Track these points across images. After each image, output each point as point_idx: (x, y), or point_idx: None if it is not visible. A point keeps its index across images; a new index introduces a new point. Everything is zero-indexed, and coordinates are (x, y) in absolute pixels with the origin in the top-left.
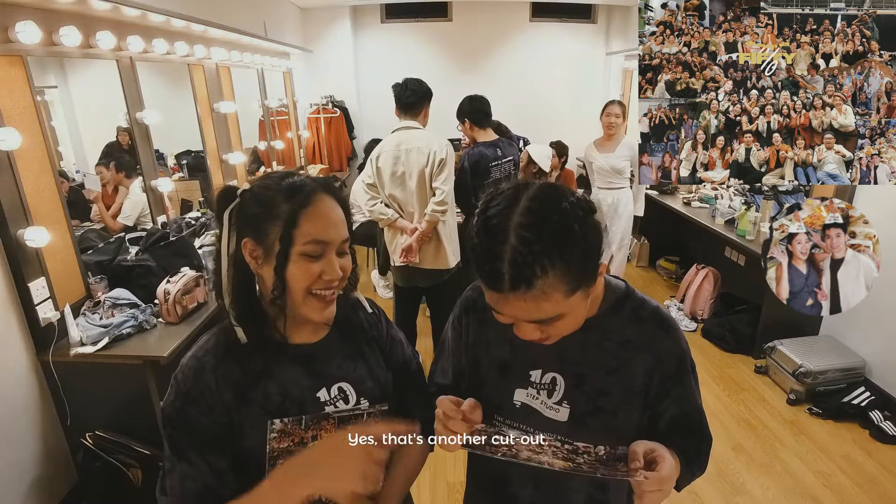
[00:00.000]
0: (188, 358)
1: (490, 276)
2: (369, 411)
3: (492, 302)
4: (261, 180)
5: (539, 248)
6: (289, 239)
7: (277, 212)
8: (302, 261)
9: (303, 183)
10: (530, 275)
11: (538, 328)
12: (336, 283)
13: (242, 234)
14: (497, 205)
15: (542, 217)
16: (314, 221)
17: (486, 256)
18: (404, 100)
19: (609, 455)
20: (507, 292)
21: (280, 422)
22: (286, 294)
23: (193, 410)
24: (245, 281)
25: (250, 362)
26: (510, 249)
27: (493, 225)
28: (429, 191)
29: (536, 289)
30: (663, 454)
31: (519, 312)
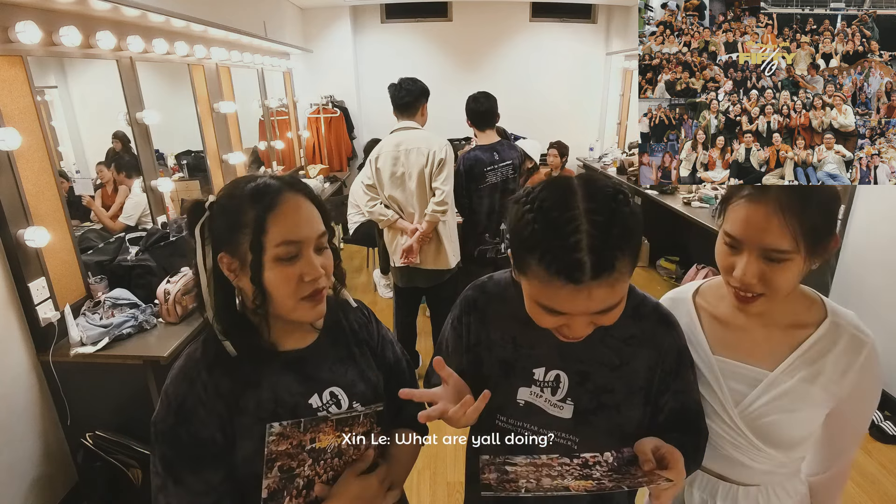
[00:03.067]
0: (177, 370)
1: (570, 268)
2: (365, 412)
3: (555, 300)
4: (226, 189)
5: (616, 231)
6: (259, 246)
7: (244, 220)
8: (278, 266)
9: (266, 185)
10: (612, 258)
11: (592, 321)
12: (321, 280)
13: (217, 248)
14: (549, 198)
15: (606, 200)
16: (282, 223)
17: (560, 250)
18: (399, 100)
19: (618, 459)
20: (588, 282)
21: (279, 425)
22: (267, 303)
23: (186, 428)
24: (226, 295)
25: (241, 372)
26: (587, 237)
27: (555, 217)
28: (429, 191)
29: (616, 272)
30: (671, 449)
31: (594, 303)
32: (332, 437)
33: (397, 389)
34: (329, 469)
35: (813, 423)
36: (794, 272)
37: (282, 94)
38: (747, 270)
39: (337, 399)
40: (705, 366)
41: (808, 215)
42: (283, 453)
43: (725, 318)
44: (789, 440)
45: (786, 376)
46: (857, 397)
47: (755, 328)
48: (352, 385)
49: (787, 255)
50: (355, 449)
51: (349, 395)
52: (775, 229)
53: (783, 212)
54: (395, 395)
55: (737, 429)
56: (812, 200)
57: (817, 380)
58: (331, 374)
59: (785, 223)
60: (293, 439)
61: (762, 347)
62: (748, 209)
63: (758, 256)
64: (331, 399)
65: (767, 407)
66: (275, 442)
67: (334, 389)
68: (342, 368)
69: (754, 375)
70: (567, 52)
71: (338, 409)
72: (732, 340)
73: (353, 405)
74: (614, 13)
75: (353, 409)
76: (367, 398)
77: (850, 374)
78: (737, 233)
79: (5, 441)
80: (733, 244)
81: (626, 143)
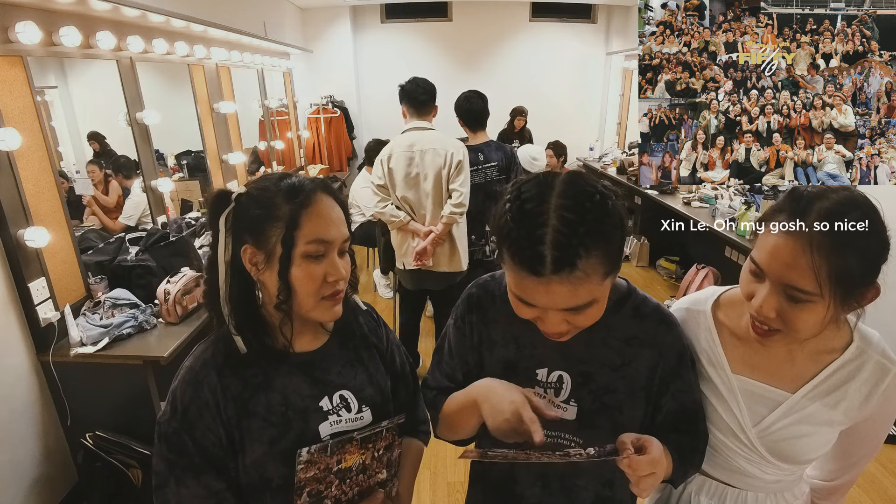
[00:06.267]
0: (185, 370)
1: (531, 259)
2: (388, 427)
3: (525, 291)
4: (257, 182)
5: (582, 229)
6: (291, 240)
7: (278, 213)
8: (305, 262)
9: (301, 183)
10: (574, 256)
11: (566, 319)
12: (342, 281)
13: (240, 239)
14: (529, 191)
15: (581, 198)
16: (316, 221)
17: (526, 241)
18: (418, 97)
19: (600, 453)
20: (548, 276)
21: (307, 452)
22: (292, 298)
23: (192, 433)
24: (245, 289)
25: (250, 373)
26: (552, 231)
27: (530, 209)
28: (444, 192)
29: (579, 270)
30: (650, 438)
31: (556, 299)
32: (357, 456)
33: (403, 394)
34: (354, 486)
35: (829, 443)
36: (817, 316)
37: (282, 94)
38: (765, 304)
39: (346, 402)
40: (724, 385)
41: (841, 259)
42: (311, 479)
43: (747, 337)
44: (805, 458)
45: (807, 401)
46: (875, 419)
47: (778, 350)
48: (361, 388)
49: (809, 297)
50: (378, 463)
51: (358, 399)
52: (801, 267)
53: (814, 250)
54: (397, 398)
55: (752, 447)
56: (852, 245)
57: (839, 405)
58: (340, 377)
59: (811, 263)
60: (321, 464)
61: (784, 369)
62: (778, 240)
63: (779, 291)
64: (340, 402)
65: (786, 430)
66: (304, 469)
67: (344, 392)
68: (352, 372)
69: (774, 397)
70: (567, 51)
71: (347, 412)
72: (753, 360)
73: (362, 408)
74: (614, 13)
75: (361, 414)
76: (376, 402)
77: (871, 400)
78: (761, 261)
79: (5, 441)
80: (757, 272)
81: (626, 143)
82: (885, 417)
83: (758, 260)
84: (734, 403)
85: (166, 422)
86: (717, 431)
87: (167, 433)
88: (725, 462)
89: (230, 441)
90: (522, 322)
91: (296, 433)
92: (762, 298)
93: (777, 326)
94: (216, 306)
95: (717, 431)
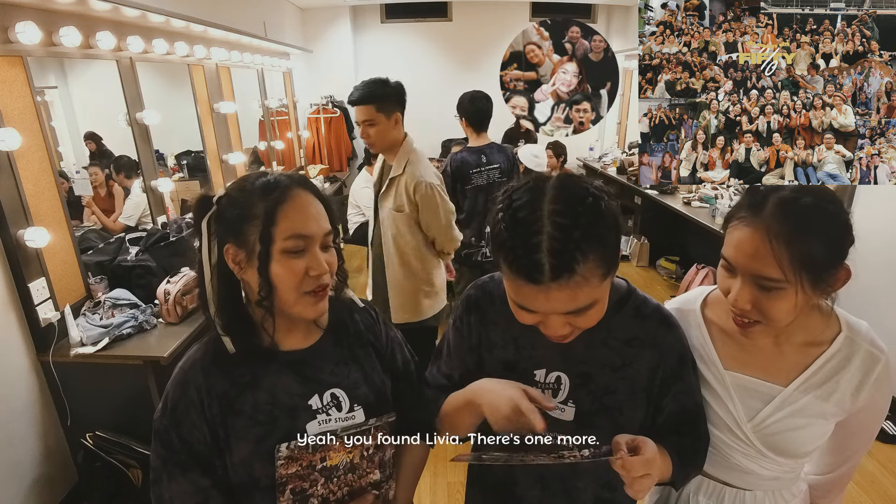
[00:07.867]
0: (177, 370)
1: (528, 268)
2: (376, 424)
3: (525, 299)
4: (235, 183)
5: (578, 234)
6: (268, 236)
7: (255, 211)
8: (285, 258)
9: (277, 180)
10: (571, 261)
11: (567, 322)
12: (325, 276)
13: (223, 240)
14: (520, 198)
15: (573, 202)
16: (292, 217)
17: (522, 250)
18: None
19: (594, 454)
20: (548, 283)
21: (286, 448)
22: (273, 294)
23: (179, 431)
24: (230, 288)
25: (238, 372)
26: (547, 238)
27: (523, 217)
28: None
29: (578, 275)
30: (644, 439)
31: (557, 304)
32: (342, 454)
33: (406, 392)
34: (343, 485)
35: (824, 435)
36: (789, 302)
37: (282, 94)
38: (739, 297)
39: (338, 401)
40: (717, 381)
41: (801, 244)
42: (293, 476)
43: (736, 333)
44: (802, 451)
45: (799, 393)
46: (868, 410)
47: (767, 344)
48: (354, 387)
49: (777, 285)
50: (369, 463)
51: (351, 398)
52: (764, 256)
53: (773, 239)
54: (400, 398)
55: (749, 442)
56: (810, 229)
57: (831, 397)
58: (332, 375)
59: (773, 251)
60: (303, 461)
61: (775, 363)
62: (740, 233)
63: (750, 283)
64: (331, 401)
65: (781, 423)
66: (284, 465)
67: (335, 391)
68: (345, 370)
69: (767, 391)
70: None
71: (338, 411)
72: (744, 356)
73: (354, 407)
74: (614, 13)
75: (366, 422)
76: (371, 401)
77: (863, 390)
78: (729, 256)
79: (5, 441)
80: (728, 267)
81: (626, 143)
82: (878, 407)
83: (726, 255)
84: (728, 399)
85: (158, 419)
86: (713, 428)
87: (159, 430)
88: (723, 459)
89: (215, 439)
90: (520, 323)
91: (282, 431)
92: (736, 292)
93: (755, 317)
94: (208, 308)
95: (713, 428)
